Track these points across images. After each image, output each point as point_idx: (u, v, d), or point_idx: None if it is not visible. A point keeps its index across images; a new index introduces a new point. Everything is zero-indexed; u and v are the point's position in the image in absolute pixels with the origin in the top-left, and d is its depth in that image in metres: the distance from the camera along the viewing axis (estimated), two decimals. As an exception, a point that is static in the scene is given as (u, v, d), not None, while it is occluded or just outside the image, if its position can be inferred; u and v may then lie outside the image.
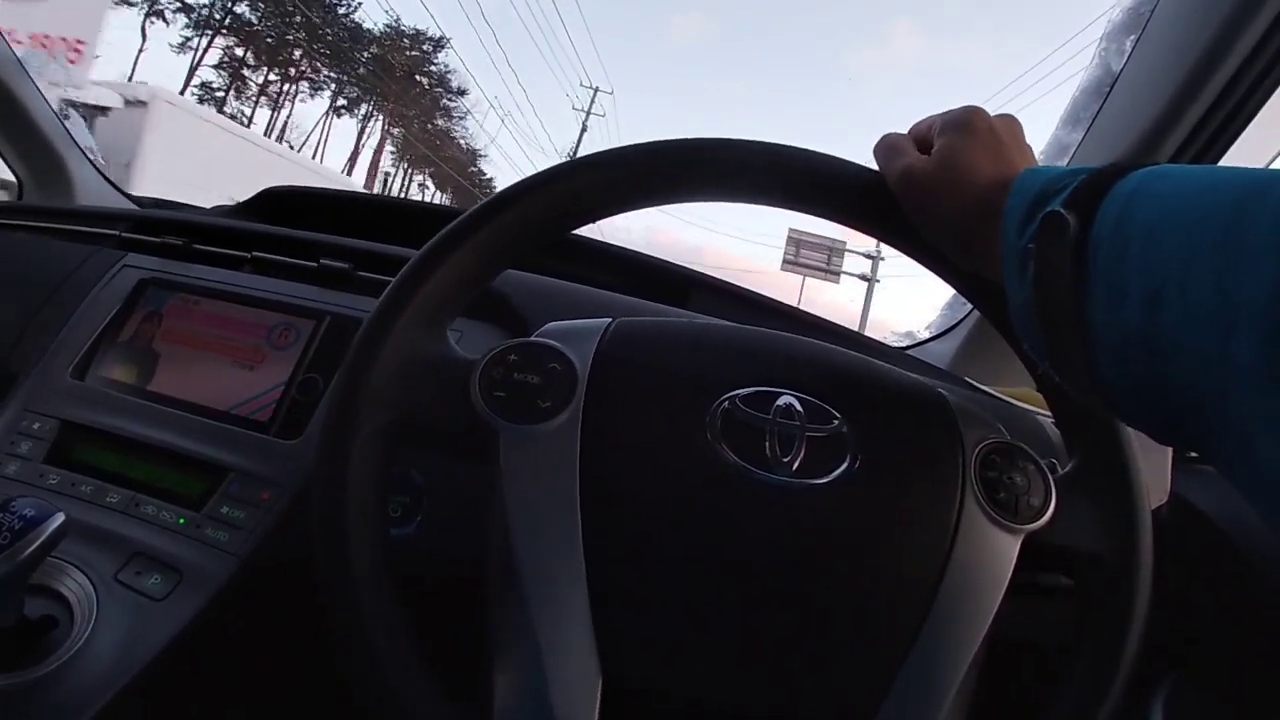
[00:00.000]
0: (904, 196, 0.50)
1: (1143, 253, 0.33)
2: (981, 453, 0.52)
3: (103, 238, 0.97)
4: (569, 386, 0.50)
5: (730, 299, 1.02)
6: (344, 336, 0.78)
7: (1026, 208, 0.40)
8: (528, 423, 0.48)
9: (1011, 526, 0.50)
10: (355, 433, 0.47)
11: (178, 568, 0.65)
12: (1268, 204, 0.29)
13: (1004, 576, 0.49)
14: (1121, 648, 0.49)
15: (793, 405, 0.51)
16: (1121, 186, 0.36)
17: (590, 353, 0.52)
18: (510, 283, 0.78)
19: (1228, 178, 0.32)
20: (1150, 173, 0.36)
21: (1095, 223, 0.36)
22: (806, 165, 0.52)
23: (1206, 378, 0.31)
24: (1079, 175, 0.39)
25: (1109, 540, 0.52)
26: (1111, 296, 0.35)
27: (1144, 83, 0.84)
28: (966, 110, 0.49)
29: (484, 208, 0.51)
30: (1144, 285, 0.33)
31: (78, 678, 0.56)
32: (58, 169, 1.23)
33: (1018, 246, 0.40)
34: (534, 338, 0.53)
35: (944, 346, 1.15)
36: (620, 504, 0.48)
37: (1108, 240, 0.35)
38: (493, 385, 0.49)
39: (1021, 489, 0.51)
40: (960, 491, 0.50)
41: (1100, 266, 0.35)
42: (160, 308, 0.84)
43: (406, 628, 0.46)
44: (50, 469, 0.73)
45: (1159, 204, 0.34)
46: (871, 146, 0.54)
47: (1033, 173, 0.42)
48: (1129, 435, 0.52)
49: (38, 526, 0.51)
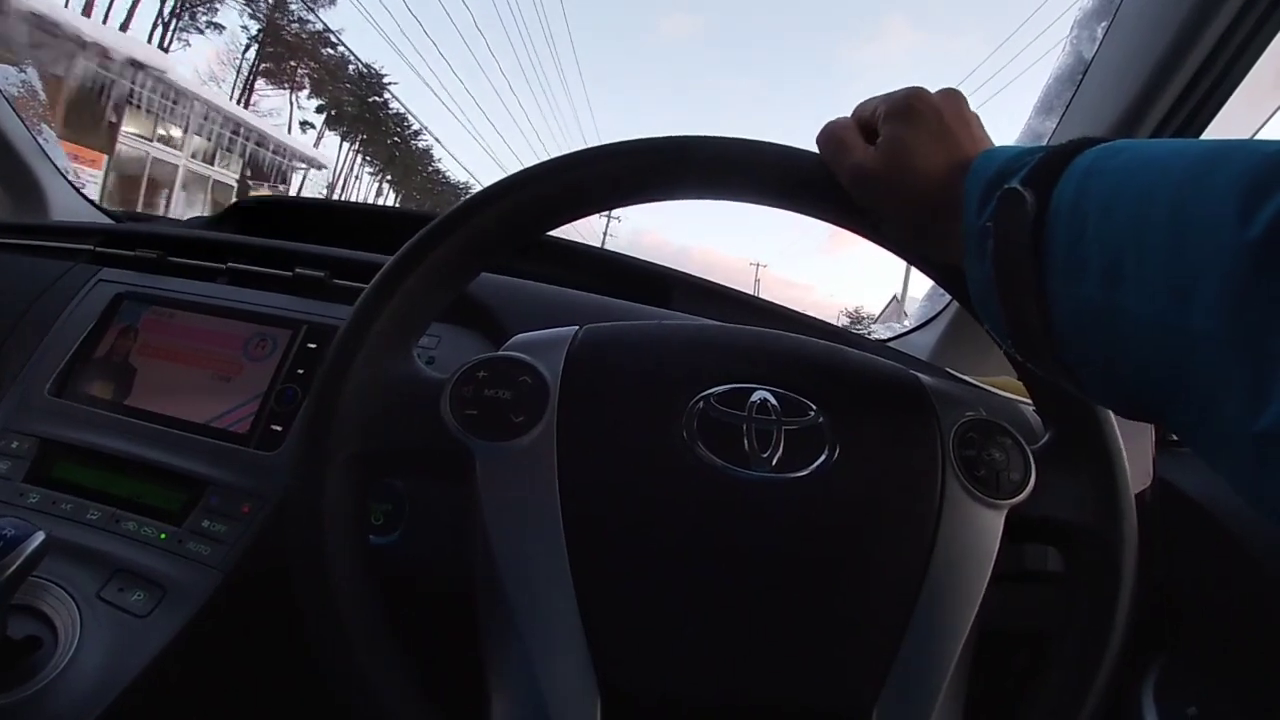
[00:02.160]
0: (856, 193, 0.50)
1: (1100, 226, 0.34)
2: (959, 432, 0.52)
3: (77, 253, 0.96)
4: (541, 399, 0.50)
5: (709, 296, 1.02)
6: (321, 346, 0.77)
7: (984, 187, 0.40)
8: (502, 439, 0.48)
9: (994, 502, 0.50)
10: (327, 462, 0.47)
11: (160, 583, 0.65)
12: (1221, 174, 0.30)
13: (991, 553, 0.49)
14: (1111, 614, 0.50)
15: (768, 400, 0.51)
16: (1079, 162, 0.36)
17: (560, 363, 0.52)
18: (487, 287, 0.78)
19: (1181, 150, 0.33)
20: (1107, 148, 0.36)
21: (1053, 198, 0.36)
22: (756, 158, 0.52)
23: (1165, 347, 0.31)
24: (1036, 154, 0.39)
25: (1091, 508, 0.52)
26: (1070, 271, 0.35)
27: (1116, 70, 0.85)
28: (908, 94, 0.48)
29: (437, 226, 0.51)
30: (1102, 258, 0.33)
31: (63, 697, 0.56)
32: (30, 184, 1.21)
33: (977, 225, 0.40)
34: (501, 352, 0.53)
35: (924, 338, 1.15)
36: (601, 512, 0.48)
37: (1066, 215, 0.35)
38: (464, 404, 0.49)
39: (1001, 464, 0.51)
40: (941, 472, 0.50)
41: (1059, 241, 0.36)
42: (136, 322, 0.83)
43: (394, 645, 0.46)
44: (30, 487, 0.72)
45: (1115, 178, 0.34)
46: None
47: (990, 153, 0.43)
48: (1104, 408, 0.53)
49: (18, 546, 0.50)
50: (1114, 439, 0.52)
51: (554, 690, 0.44)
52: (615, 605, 0.46)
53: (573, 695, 0.44)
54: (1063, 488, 0.52)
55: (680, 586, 0.47)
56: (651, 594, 0.47)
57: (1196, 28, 0.74)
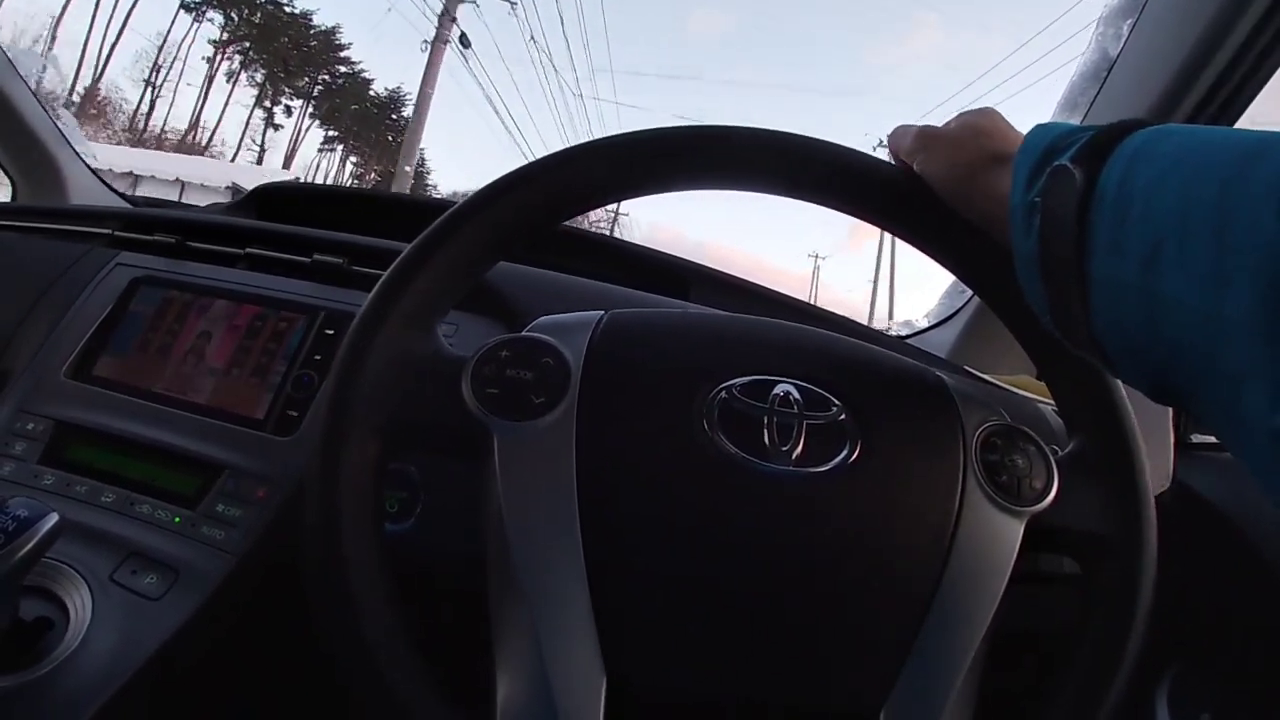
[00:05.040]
0: (923, 148, 0.51)
1: (1144, 209, 0.34)
2: (982, 436, 0.51)
3: (95, 236, 0.97)
4: (562, 381, 0.49)
5: (729, 290, 1.01)
6: (339, 332, 0.77)
7: (1035, 162, 0.41)
8: (522, 419, 0.48)
9: (1014, 509, 0.49)
10: (347, 438, 0.47)
11: (174, 567, 0.64)
12: (1266, 164, 0.30)
13: (1009, 560, 0.49)
14: (1128, 630, 0.49)
15: (790, 394, 0.50)
16: (1128, 144, 0.37)
17: (583, 346, 0.51)
18: (505, 276, 0.78)
19: (1229, 138, 0.33)
20: (1155, 131, 0.37)
21: (1100, 178, 0.36)
22: (832, 159, 0.52)
23: (1199, 333, 0.32)
24: (1086, 132, 0.39)
25: (1112, 520, 0.51)
26: (1113, 251, 0.35)
27: (1140, 67, 0.84)
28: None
29: (465, 206, 0.51)
30: (1144, 241, 0.34)
31: (74, 679, 0.56)
32: (50, 168, 1.22)
33: (1025, 200, 0.41)
34: (525, 333, 0.53)
35: (943, 335, 1.14)
36: (618, 497, 0.47)
37: (1112, 196, 0.36)
38: (485, 383, 0.49)
39: (1023, 471, 0.51)
40: (962, 475, 0.50)
41: (1103, 221, 0.36)
42: (153, 306, 0.83)
43: (405, 629, 0.46)
44: (44, 469, 0.72)
45: (1162, 162, 0.35)
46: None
47: (1042, 128, 0.43)
48: (1130, 415, 0.52)
49: (32, 527, 0.50)
50: (1139, 451, 0.52)
51: (558, 674, 0.43)
52: (625, 591, 0.46)
53: (578, 680, 0.44)
54: (1085, 498, 0.52)
55: (691, 574, 0.46)
56: (662, 581, 0.46)
57: (1222, 25, 0.74)
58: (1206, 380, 0.32)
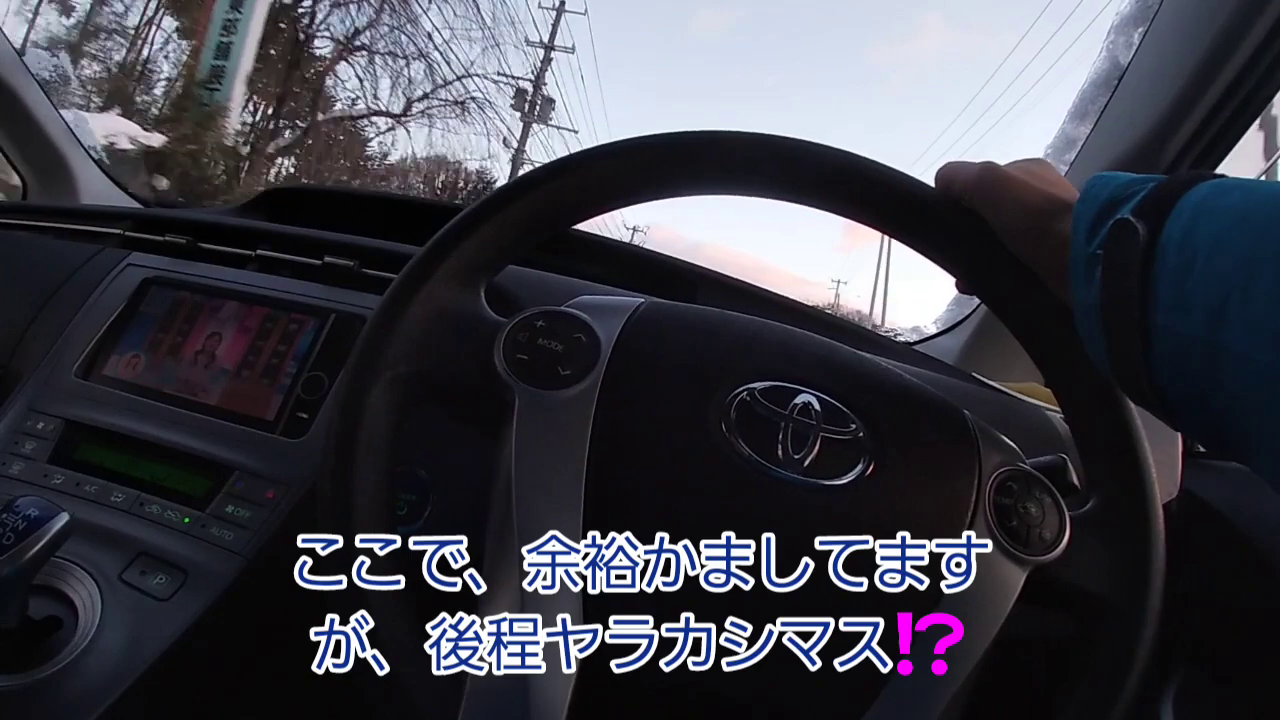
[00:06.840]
0: (981, 187, 0.50)
1: (1208, 265, 0.34)
2: (999, 478, 0.51)
3: (106, 236, 0.97)
4: (591, 358, 0.50)
5: (737, 294, 1.01)
6: (349, 334, 0.77)
7: (1096, 213, 0.41)
8: (545, 388, 0.49)
9: (1020, 556, 0.49)
10: (378, 374, 0.48)
11: (183, 567, 0.65)
12: None
13: (1005, 607, 0.48)
14: (1118, 696, 0.48)
15: (811, 404, 0.50)
16: (1190, 197, 0.37)
17: (617, 329, 0.52)
18: (517, 279, 0.78)
19: None
20: (1217, 185, 0.37)
21: (1163, 232, 0.37)
22: (887, 182, 0.52)
23: (1263, 388, 0.32)
24: (1147, 183, 0.39)
25: (1118, 585, 0.50)
26: (1176, 306, 0.36)
27: (1151, 76, 0.84)
28: None
29: (539, 171, 0.52)
30: (1208, 296, 0.34)
31: (82, 678, 0.56)
32: (61, 168, 1.23)
33: (1086, 252, 0.41)
34: (563, 307, 0.53)
35: (951, 342, 1.14)
36: (625, 478, 0.48)
37: (1175, 250, 0.36)
38: (517, 348, 0.50)
39: (1035, 520, 0.50)
40: (971, 513, 0.49)
41: (1167, 276, 0.36)
42: (164, 307, 0.84)
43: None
44: (54, 469, 0.73)
45: (1226, 216, 0.35)
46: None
47: (1101, 178, 0.43)
48: (1153, 480, 0.51)
49: (42, 526, 0.51)
50: (1157, 516, 0.51)
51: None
52: None
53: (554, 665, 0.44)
54: (1093, 556, 0.51)
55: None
56: None
57: (1234, 35, 0.74)
58: (1268, 435, 0.33)
